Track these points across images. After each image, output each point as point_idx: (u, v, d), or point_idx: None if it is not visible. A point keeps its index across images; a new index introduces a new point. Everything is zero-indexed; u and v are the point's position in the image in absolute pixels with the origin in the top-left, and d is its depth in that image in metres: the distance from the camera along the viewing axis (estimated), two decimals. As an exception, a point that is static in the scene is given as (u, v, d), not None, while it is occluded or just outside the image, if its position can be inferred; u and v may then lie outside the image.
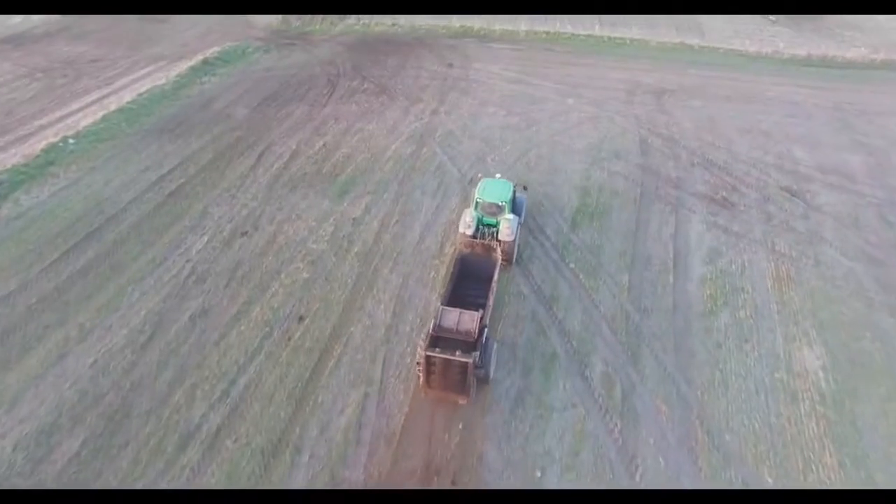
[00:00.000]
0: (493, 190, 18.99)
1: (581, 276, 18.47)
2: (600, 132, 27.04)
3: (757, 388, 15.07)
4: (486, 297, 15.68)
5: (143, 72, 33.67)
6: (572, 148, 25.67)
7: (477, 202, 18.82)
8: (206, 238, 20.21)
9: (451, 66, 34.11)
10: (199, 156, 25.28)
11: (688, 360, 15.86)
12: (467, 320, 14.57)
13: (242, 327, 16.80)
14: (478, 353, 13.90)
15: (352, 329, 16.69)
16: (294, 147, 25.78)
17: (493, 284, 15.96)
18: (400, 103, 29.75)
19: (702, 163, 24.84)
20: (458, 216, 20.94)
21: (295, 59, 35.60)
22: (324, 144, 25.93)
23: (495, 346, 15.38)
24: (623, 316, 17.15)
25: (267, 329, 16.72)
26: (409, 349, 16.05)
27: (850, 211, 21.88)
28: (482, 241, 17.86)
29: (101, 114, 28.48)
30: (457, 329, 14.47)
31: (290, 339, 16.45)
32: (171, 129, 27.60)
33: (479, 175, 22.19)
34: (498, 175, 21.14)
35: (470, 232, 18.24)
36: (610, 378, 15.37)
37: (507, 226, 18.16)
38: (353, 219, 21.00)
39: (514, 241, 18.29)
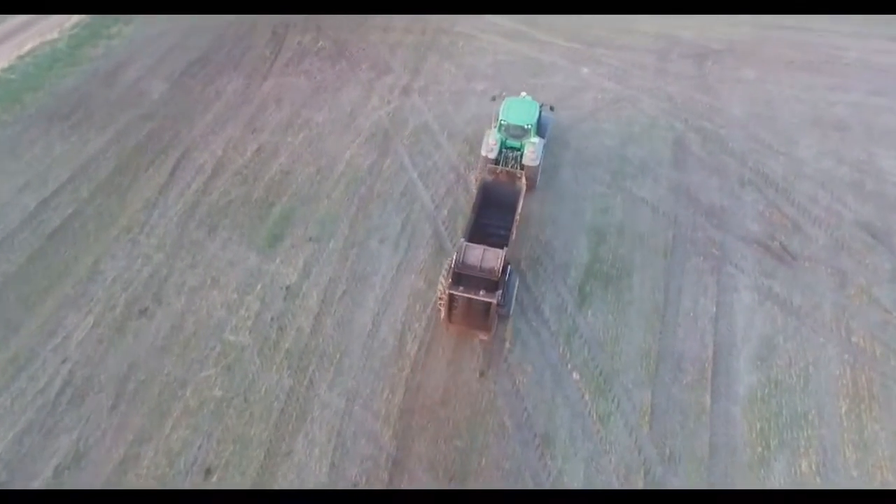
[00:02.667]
0: (519, 111, 17.70)
1: (587, 396, 13.65)
2: (622, 126, 20.63)
3: None
4: (510, 231, 15.05)
5: (29, 16, 25.90)
6: (585, 154, 19.50)
7: (501, 124, 17.60)
8: (91, 319, 15.12)
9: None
10: (98, 164, 19.32)
11: (728, 554, 11.63)
12: (491, 258, 13.86)
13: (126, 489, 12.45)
14: (500, 291, 13.49)
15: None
16: (220, 153, 19.66)
17: (517, 216, 15.28)
18: (362, 74, 22.89)
19: (754, 180, 18.83)
20: (427, 281, 15.82)
21: (233, -4, 27.66)
22: (258, 149, 19.76)
23: (517, 281, 14.84)
24: (641, 468, 12.58)
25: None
26: (348, 532, 11.82)
27: (955, 269, 16.46)
28: (505, 168, 16.90)
29: (-35, 89, 21.96)
30: (480, 267, 13.83)
31: (190, 508, 12.17)
32: (63, 114, 21.23)
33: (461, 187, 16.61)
34: (523, 94, 18.78)
35: (493, 156, 17.28)
36: (620, 587, 11.28)
37: (531, 150, 17.18)
38: (287, 288, 15.73)
39: (539, 165, 17.39)
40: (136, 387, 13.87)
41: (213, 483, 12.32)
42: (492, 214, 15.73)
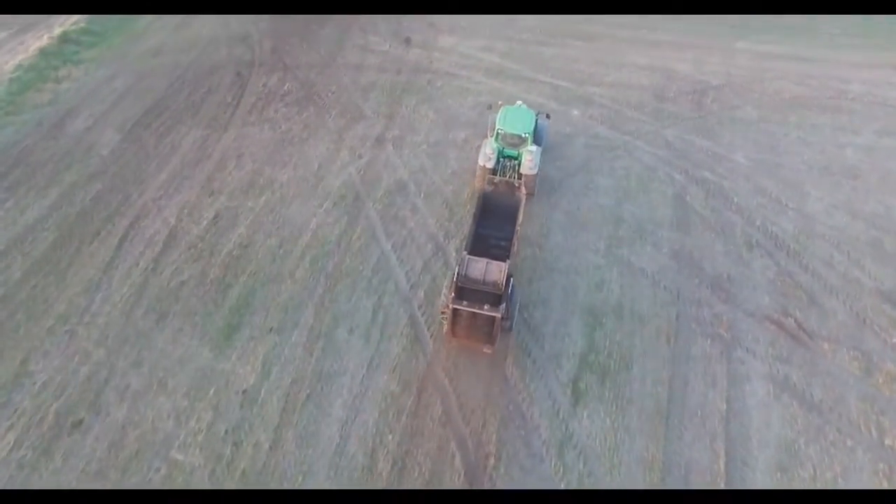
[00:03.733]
0: (516, 119, 17.75)
1: (585, 525, 11.97)
2: (618, 180, 18.88)
3: None
4: (510, 242, 15.10)
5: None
6: (577, 217, 17.72)
7: (498, 133, 17.65)
8: (12, 437, 13.07)
9: (408, 42, 24.52)
10: (35, 236, 17.33)
11: None
12: (494, 271, 13.75)
13: None
14: (504, 305, 13.44)
15: None
16: (173, 221, 17.71)
17: (518, 227, 15.33)
18: (331, 122, 20.98)
19: (763, 241, 17.15)
20: (401, 382, 13.99)
21: (196, 30, 25.66)
22: (215, 216, 17.83)
23: (518, 293, 14.74)
24: None
25: None
26: None
27: None
28: (504, 179, 17.01)
29: None
30: (483, 280, 13.65)
31: None
32: (0, 173, 19.27)
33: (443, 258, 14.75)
34: (519, 102, 18.77)
35: (490, 165, 17.42)
36: None
37: (529, 158, 17.25)
38: (244, 392, 13.85)
39: (537, 174, 17.42)
40: (65, 525, 12.00)
41: None
42: (491, 225, 15.70)
